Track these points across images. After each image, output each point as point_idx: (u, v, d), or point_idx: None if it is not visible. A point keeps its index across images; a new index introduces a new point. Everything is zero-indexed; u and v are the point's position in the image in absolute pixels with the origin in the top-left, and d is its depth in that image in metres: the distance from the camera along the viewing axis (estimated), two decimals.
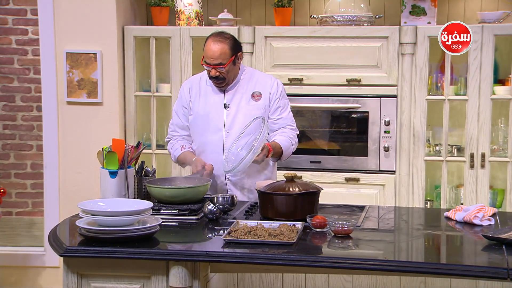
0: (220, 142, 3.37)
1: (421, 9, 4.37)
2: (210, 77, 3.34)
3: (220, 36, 3.32)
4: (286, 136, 3.41)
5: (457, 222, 2.90)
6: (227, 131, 3.37)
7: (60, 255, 2.52)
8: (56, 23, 4.49)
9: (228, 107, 3.38)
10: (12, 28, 5.09)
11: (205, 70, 3.38)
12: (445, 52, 4.22)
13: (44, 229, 4.69)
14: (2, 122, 5.17)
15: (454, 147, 4.41)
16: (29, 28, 5.08)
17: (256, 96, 3.40)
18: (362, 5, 4.48)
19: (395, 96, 4.33)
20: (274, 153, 3.31)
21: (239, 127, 3.35)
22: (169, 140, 3.55)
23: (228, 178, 3.38)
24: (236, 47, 3.34)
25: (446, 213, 2.98)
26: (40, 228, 4.88)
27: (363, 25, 4.40)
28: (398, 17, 4.50)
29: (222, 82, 3.34)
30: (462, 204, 4.25)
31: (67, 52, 4.48)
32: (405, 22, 4.38)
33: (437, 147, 4.42)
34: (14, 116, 5.16)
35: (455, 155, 4.39)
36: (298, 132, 3.52)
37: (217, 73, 3.30)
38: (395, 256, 2.53)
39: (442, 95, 4.34)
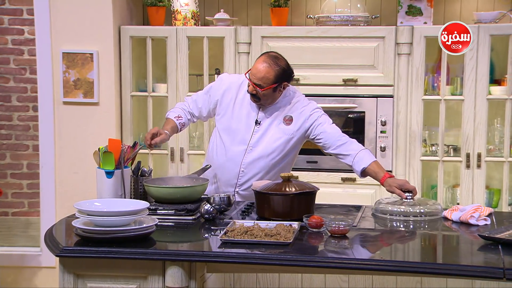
0: (240, 155, 3.34)
1: (417, 9, 4.37)
2: (248, 91, 3.30)
3: (274, 60, 3.25)
4: (364, 149, 3.32)
5: (453, 222, 2.91)
6: (251, 147, 3.34)
7: (56, 255, 2.51)
8: (52, 23, 4.48)
9: (259, 124, 3.34)
10: (8, 28, 5.09)
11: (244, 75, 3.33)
12: (441, 52, 4.24)
13: (40, 229, 4.68)
14: None
15: (450, 147, 4.42)
16: (25, 28, 5.07)
17: (287, 120, 3.35)
18: (358, 5, 4.49)
19: (391, 96, 4.33)
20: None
21: (263, 146, 3.32)
22: (185, 101, 3.53)
23: (237, 192, 3.38)
24: (282, 77, 3.25)
25: (443, 213, 2.99)
26: (36, 228, 4.87)
27: (359, 25, 4.40)
28: (395, 17, 4.50)
29: (258, 100, 3.29)
30: (458, 204, 4.26)
31: (63, 52, 4.48)
32: (401, 22, 4.39)
33: (433, 147, 4.42)
34: (10, 116, 5.15)
35: (451, 155, 4.39)
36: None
37: (254, 92, 3.25)
38: (392, 256, 2.54)
39: (438, 95, 4.34)
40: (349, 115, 4.41)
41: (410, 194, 3.06)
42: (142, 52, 4.63)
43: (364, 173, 3.25)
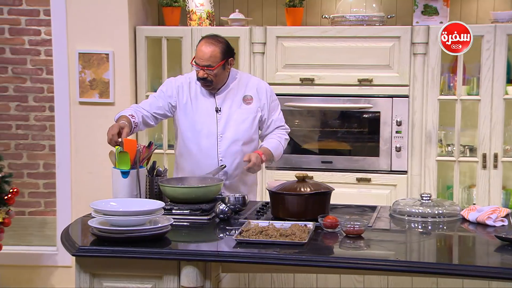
0: (214, 147, 3.37)
1: (433, 9, 4.35)
2: (198, 78, 3.33)
3: (213, 39, 3.34)
4: (275, 138, 3.46)
5: (470, 223, 2.89)
6: (220, 135, 3.37)
7: (73, 255, 2.53)
8: (69, 23, 4.51)
9: (220, 111, 3.38)
10: (25, 28, 5.12)
11: (194, 71, 3.39)
12: None
13: (56, 228, 4.71)
14: (15, 122, 5.20)
15: (466, 147, 4.39)
16: (41, 28, 5.11)
17: (248, 99, 3.42)
18: (373, 5, 4.47)
19: (407, 96, 4.31)
20: (267, 156, 3.35)
21: (232, 131, 3.36)
22: (132, 107, 3.42)
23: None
24: (227, 52, 3.33)
25: (461, 212, 2.97)
26: (53, 227, 4.90)
27: (374, 25, 4.38)
28: (410, 17, 4.48)
29: (210, 84, 3.33)
30: (474, 204, 4.23)
31: (79, 52, 4.50)
32: (417, 22, 4.36)
33: (449, 147, 4.40)
34: (26, 116, 5.19)
35: (468, 155, 4.37)
36: (289, 130, 3.57)
37: (205, 75, 3.29)
38: (407, 257, 2.53)
39: (454, 95, 4.32)
40: (364, 115, 4.39)
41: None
42: (157, 52, 4.64)
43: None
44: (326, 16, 4.53)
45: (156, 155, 4.19)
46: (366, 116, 4.39)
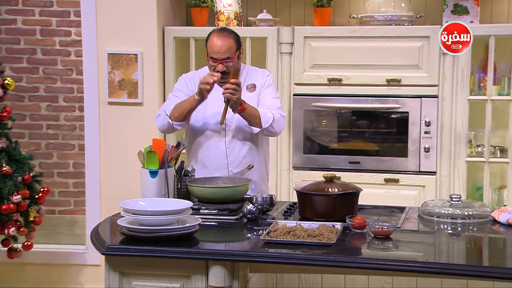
0: (222, 135, 3.41)
1: (463, 8, 4.30)
2: (218, 70, 3.33)
3: (225, 31, 3.40)
4: (264, 108, 3.39)
5: (501, 224, 2.85)
6: (228, 124, 3.40)
7: (102, 253, 2.55)
8: (98, 24, 4.56)
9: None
10: (56, 29, 5.19)
11: (201, 69, 3.44)
12: (488, 51, 4.16)
13: (86, 227, 4.76)
14: (46, 122, 5.27)
15: (497, 148, 4.34)
16: (72, 29, 5.17)
17: (250, 88, 3.45)
18: (402, 5, 4.44)
19: (436, 96, 4.27)
20: (250, 110, 3.28)
21: (237, 119, 3.37)
22: (161, 112, 3.45)
23: (231, 170, 3.41)
24: (239, 41, 3.41)
25: (491, 214, 2.94)
26: (82, 226, 4.96)
27: (403, 25, 4.35)
28: (440, 16, 4.44)
29: (227, 76, 3.34)
30: (505, 205, 4.17)
31: (108, 53, 4.55)
32: (446, 21, 4.32)
33: (479, 148, 4.35)
34: (57, 116, 5.25)
35: (498, 156, 4.31)
36: (284, 114, 3.45)
37: (224, 68, 3.32)
38: (436, 258, 2.50)
39: (484, 95, 4.27)
40: (392, 116, 4.36)
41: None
42: (185, 52, 4.66)
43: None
44: (354, 16, 4.51)
45: (184, 155, 4.21)
46: (394, 116, 4.36)
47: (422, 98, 4.29)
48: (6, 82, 4.18)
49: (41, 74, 5.23)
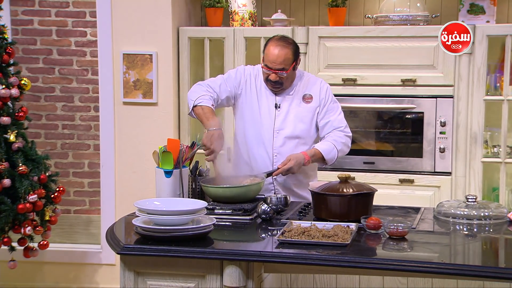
0: (269, 142, 3.37)
1: (479, 8, 4.28)
2: (267, 80, 3.32)
3: (284, 40, 3.30)
4: (329, 141, 3.35)
5: None
6: (277, 131, 3.37)
7: (117, 253, 2.56)
8: (114, 25, 4.58)
9: (279, 107, 3.37)
10: (71, 30, 5.21)
11: (259, 65, 3.37)
12: (504, 51, 4.14)
13: (101, 227, 4.79)
14: (61, 122, 5.29)
15: None
16: (87, 30, 5.19)
17: (307, 98, 3.39)
18: (418, 4, 4.42)
19: (451, 97, 4.25)
20: (315, 159, 3.30)
21: (288, 128, 3.35)
22: (203, 86, 3.37)
23: (275, 178, 3.38)
24: (297, 52, 3.32)
25: (508, 215, 2.91)
26: (97, 226, 4.98)
27: (419, 25, 4.33)
28: (456, 16, 4.41)
29: (280, 86, 3.33)
30: None
31: (123, 53, 4.57)
32: (462, 21, 4.29)
33: (495, 149, 4.32)
34: (72, 116, 5.28)
35: None
36: (349, 134, 3.44)
37: (277, 78, 3.28)
38: (451, 259, 2.49)
39: (500, 95, 4.24)
40: (407, 116, 4.35)
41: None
42: (200, 52, 4.68)
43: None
44: (369, 16, 4.49)
45: (198, 155, 4.22)
46: (409, 116, 4.35)
47: (438, 98, 4.27)
48: (22, 82, 4.21)
49: (57, 74, 5.26)
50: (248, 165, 3.40)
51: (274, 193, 3.28)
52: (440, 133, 4.28)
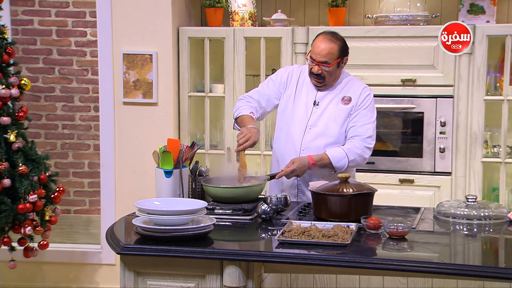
0: (300, 136, 3.36)
1: (479, 8, 4.28)
2: (311, 73, 3.33)
3: (332, 35, 3.32)
4: (344, 148, 3.29)
5: None
6: (309, 127, 3.36)
7: (118, 253, 2.56)
8: (114, 25, 4.58)
9: (317, 104, 3.37)
10: (71, 30, 5.22)
11: (307, 65, 3.38)
12: (504, 51, 4.14)
13: (101, 227, 4.79)
14: (61, 122, 5.30)
15: None
16: (87, 30, 5.20)
17: (346, 100, 3.37)
18: (418, 4, 4.42)
19: (451, 97, 4.25)
20: (322, 164, 3.26)
21: (321, 126, 3.34)
22: (243, 99, 3.48)
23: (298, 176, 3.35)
24: (344, 50, 3.32)
25: (508, 215, 2.92)
26: (97, 226, 4.98)
27: (419, 25, 4.33)
28: (456, 16, 4.41)
29: (322, 81, 3.33)
30: None
31: (123, 53, 4.57)
32: (462, 21, 4.29)
33: (495, 149, 4.32)
34: (72, 116, 5.28)
35: None
36: (370, 145, 3.35)
37: (320, 71, 3.29)
38: (451, 259, 2.49)
39: (500, 95, 4.24)
40: (407, 116, 4.35)
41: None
42: (200, 52, 4.68)
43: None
44: (369, 16, 4.49)
45: (198, 155, 4.23)
46: (410, 116, 4.35)
47: (438, 98, 4.27)
48: (22, 82, 4.21)
49: (57, 74, 5.26)
50: (277, 160, 3.42)
51: (297, 189, 3.32)
52: (440, 133, 4.28)
